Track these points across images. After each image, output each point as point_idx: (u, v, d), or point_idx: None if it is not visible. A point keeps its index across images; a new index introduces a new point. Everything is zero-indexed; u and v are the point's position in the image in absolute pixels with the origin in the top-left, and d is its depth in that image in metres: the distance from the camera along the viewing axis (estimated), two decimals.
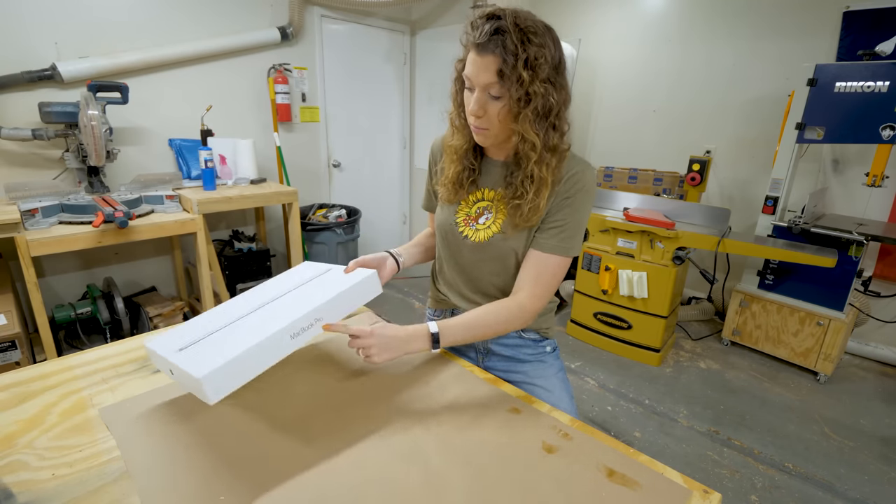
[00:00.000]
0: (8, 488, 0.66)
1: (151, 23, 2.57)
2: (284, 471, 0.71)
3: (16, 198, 2.02)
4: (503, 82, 0.83)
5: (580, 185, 0.94)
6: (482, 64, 0.84)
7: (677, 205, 2.76)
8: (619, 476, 0.72)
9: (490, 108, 0.87)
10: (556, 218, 0.95)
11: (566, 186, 0.94)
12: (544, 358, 1.13)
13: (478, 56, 0.84)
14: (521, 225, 0.95)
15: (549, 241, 0.95)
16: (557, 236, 0.95)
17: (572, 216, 0.95)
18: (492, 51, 0.82)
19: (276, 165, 3.16)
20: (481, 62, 0.84)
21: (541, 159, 0.89)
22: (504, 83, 0.83)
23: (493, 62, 0.82)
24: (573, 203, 0.94)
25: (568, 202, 0.94)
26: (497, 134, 0.91)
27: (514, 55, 0.81)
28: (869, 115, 2.23)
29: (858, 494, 1.79)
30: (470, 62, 0.86)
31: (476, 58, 0.84)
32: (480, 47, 0.83)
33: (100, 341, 2.35)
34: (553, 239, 0.95)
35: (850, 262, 2.39)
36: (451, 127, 1.01)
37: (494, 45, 0.81)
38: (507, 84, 0.83)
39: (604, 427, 2.12)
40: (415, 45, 3.96)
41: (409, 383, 0.95)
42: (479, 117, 0.89)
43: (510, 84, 0.83)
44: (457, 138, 1.00)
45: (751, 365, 2.68)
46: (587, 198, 0.95)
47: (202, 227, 2.27)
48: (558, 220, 0.95)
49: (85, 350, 1.03)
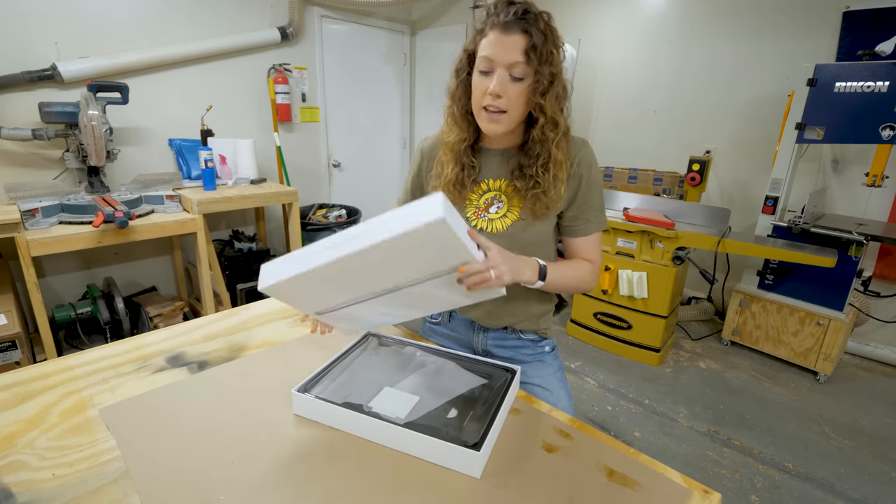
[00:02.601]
0: (8, 488, 0.66)
1: (151, 23, 2.58)
2: (285, 470, 0.71)
3: (16, 198, 2.02)
4: (530, 62, 0.85)
5: (588, 161, 0.98)
6: (509, 43, 0.84)
7: (677, 205, 2.76)
8: (619, 476, 0.72)
9: (511, 90, 0.87)
10: (584, 201, 0.99)
11: (580, 169, 0.97)
12: (543, 358, 1.13)
13: (504, 35, 0.84)
14: (543, 214, 0.96)
15: (590, 224, 1.00)
16: (592, 217, 1.00)
17: (596, 192, 1.00)
18: (522, 29, 0.84)
19: (276, 165, 3.16)
20: (508, 41, 0.84)
21: (559, 140, 0.92)
22: (531, 63, 0.85)
23: (521, 40, 0.84)
24: (591, 182, 0.99)
25: (588, 182, 0.98)
26: (513, 118, 0.91)
27: (543, 34, 0.84)
28: (869, 115, 2.23)
29: (858, 494, 1.78)
30: (492, 43, 0.86)
31: (501, 37, 0.85)
32: (508, 25, 0.84)
33: (100, 341, 2.35)
34: (590, 222, 1.00)
35: (849, 262, 2.39)
36: (449, 121, 1.00)
37: (526, 23, 0.84)
38: (534, 64, 0.85)
39: (604, 427, 2.12)
40: (415, 45, 3.96)
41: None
42: (499, 97, 0.87)
43: (539, 63, 0.85)
44: (455, 133, 0.98)
45: (751, 365, 2.68)
46: (598, 172, 1.01)
47: (202, 227, 2.27)
48: (587, 203, 0.99)
49: (85, 350, 1.03)
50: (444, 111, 1.01)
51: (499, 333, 1.11)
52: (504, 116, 0.90)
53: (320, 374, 0.88)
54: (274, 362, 1.00)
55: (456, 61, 0.96)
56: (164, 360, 1.00)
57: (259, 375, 0.95)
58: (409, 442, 0.74)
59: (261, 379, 0.94)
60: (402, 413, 0.77)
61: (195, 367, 0.98)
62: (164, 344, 1.07)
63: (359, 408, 0.78)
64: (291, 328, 1.16)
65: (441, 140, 1.03)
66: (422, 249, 0.69)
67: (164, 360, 1.01)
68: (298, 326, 1.17)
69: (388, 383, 0.86)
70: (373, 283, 0.77)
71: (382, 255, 0.69)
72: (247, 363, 1.00)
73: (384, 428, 0.75)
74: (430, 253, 0.70)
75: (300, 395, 0.81)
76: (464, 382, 0.87)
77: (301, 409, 0.82)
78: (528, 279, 0.89)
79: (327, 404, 0.79)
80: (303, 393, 0.81)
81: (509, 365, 0.92)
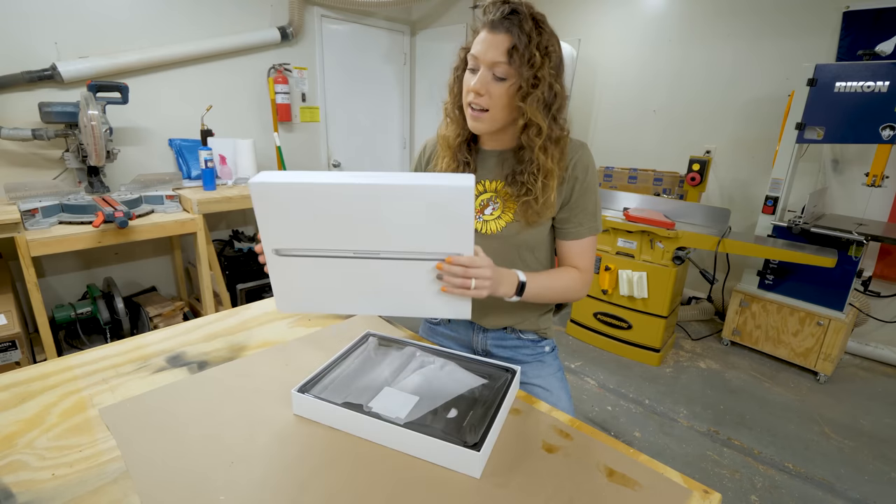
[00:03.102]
0: (8, 488, 0.66)
1: (151, 23, 2.58)
2: (285, 470, 0.71)
3: (16, 198, 2.02)
4: (512, 62, 0.84)
5: (584, 164, 0.97)
6: (493, 41, 0.84)
7: (677, 205, 2.76)
8: (619, 476, 0.72)
9: (493, 89, 0.87)
10: (577, 204, 0.98)
11: (576, 172, 0.96)
12: (543, 358, 1.13)
13: (490, 33, 0.85)
14: (536, 221, 0.96)
15: (580, 228, 0.99)
16: (585, 221, 0.99)
17: (590, 198, 0.99)
18: (506, 29, 0.83)
19: (277, 165, 3.16)
20: (492, 39, 0.84)
21: (545, 147, 0.90)
22: (513, 64, 0.84)
23: (505, 40, 0.84)
24: (586, 186, 0.98)
25: (583, 185, 0.97)
26: (495, 117, 0.91)
27: (527, 36, 0.83)
28: (869, 115, 2.23)
29: (858, 494, 1.78)
30: (479, 41, 0.87)
31: (487, 35, 0.85)
32: (494, 24, 0.84)
33: (100, 341, 2.35)
34: (582, 226, 0.99)
35: (849, 262, 2.39)
36: (447, 118, 1.01)
37: (510, 23, 0.83)
38: (515, 65, 0.84)
39: (604, 427, 2.12)
40: (415, 45, 3.96)
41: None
42: (480, 95, 0.88)
43: (520, 64, 0.84)
44: (450, 129, 1.00)
45: (751, 365, 2.68)
46: (594, 173, 0.99)
47: (202, 227, 2.28)
48: (580, 206, 0.98)
49: (85, 350, 1.03)
50: (442, 106, 1.02)
51: (498, 333, 1.11)
52: (486, 115, 0.90)
53: (320, 374, 0.88)
54: (274, 362, 1.00)
55: (455, 59, 0.96)
56: (164, 360, 1.00)
57: (259, 375, 0.95)
58: (409, 442, 0.74)
59: (261, 379, 0.94)
60: (402, 413, 0.77)
61: (195, 367, 0.98)
62: (164, 344, 1.07)
63: (359, 408, 0.78)
64: (291, 328, 1.16)
65: (438, 134, 1.05)
66: (434, 211, 0.71)
67: (164, 360, 1.01)
68: (298, 326, 1.17)
69: (388, 383, 0.86)
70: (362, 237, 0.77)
71: (394, 202, 0.71)
72: (247, 363, 1.00)
73: (384, 428, 0.75)
74: (438, 219, 0.72)
75: (300, 396, 0.81)
76: (464, 383, 0.87)
77: (301, 410, 0.82)
78: (505, 293, 0.89)
79: (327, 404, 0.79)
80: (303, 393, 0.82)
81: (509, 365, 0.92)
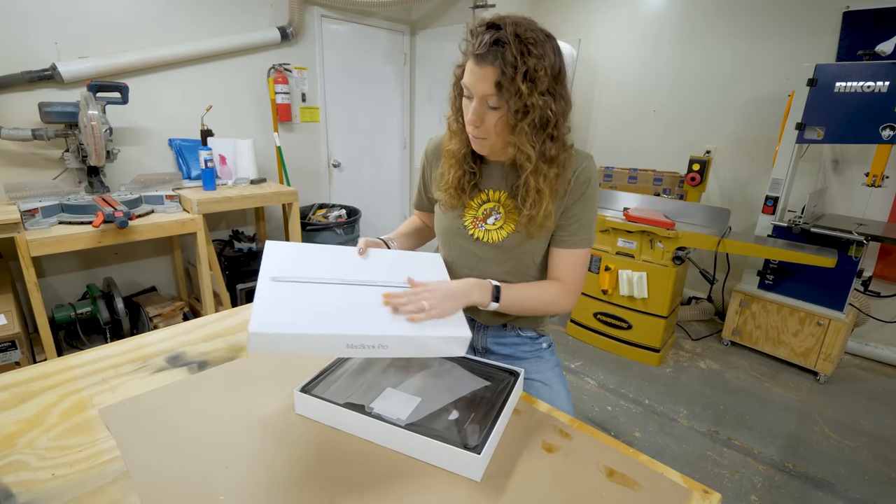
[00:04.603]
0: (8, 488, 0.66)
1: (151, 23, 2.57)
2: (285, 470, 0.71)
3: (16, 198, 2.02)
4: (501, 94, 0.83)
5: (586, 177, 0.96)
6: (481, 74, 0.83)
7: (677, 205, 2.76)
8: (619, 476, 0.72)
9: (487, 119, 0.87)
10: (573, 214, 0.98)
11: (577, 184, 0.96)
12: (541, 354, 1.14)
13: (476, 66, 0.83)
14: (537, 234, 0.97)
15: (573, 238, 0.99)
16: (579, 231, 0.99)
17: (587, 210, 0.98)
18: (491, 62, 0.81)
19: (276, 165, 3.16)
20: (480, 73, 0.83)
21: (536, 170, 0.90)
22: (502, 95, 0.83)
23: (492, 73, 0.82)
24: (585, 198, 0.97)
25: (581, 198, 0.97)
26: (494, 143, 0.92)
27: (513, 67, 0.80)
28: (869, 115, 2.23)
29: (858, 494, 1.78)
30: (468, 72, 0.86)
31: (475, 68, 0.84)
32: (479, 58, 0.82)
33: (100, 341, 2.35)
34: (576, 235, 0.99)
35: (850, 262, 2.39)
36: (449, 131, 1.02)
37: (494, 56, 0.81)
38: (504, 96, 0.83)
39: (604, 427, 2.12)
40: (415, 45, 3.96)
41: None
42: (476, 127, 0.89)
43: (508, 96, 0.83)
44: (454, 143, 1.00)
45: (751, 365, 2.68)
46: (595, 189, 0.99)
47: (202, 227, 2.27)
48: (576, 216, 0.98)
49: (85, 350, 1.03)
50: (445, 120, 1.02)
51: (498, 331, 1.12)
52: (486, 142, 0.91)
53: (322, 374, 0.88)
54: (274, 362, 1.00)
55: (452, 76, 0.95)
56: (164, 360, 1.00)
57: (259, 375, 0.95)
58: (410, 444, 0.74)
59: (261, 379, 0.94)
60: (403, 414, 0.77)
61: (195, 367, 0.98)
62: (164, 344, 1.07)
63: (360, 408, 0.78)
64: None
65: (442, 147, 1.05)
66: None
67: (164, 360, 1.01)
68: None
69: (390, 384, 0.86)
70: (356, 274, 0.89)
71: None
72: (247, 363, 1.00)
73: (385, 429, 0.75)
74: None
75: (302, 395, 0.81)
76: (466, 384, 0.87)
77: (303, 409, 0.83)
78: (479, 300, 0.88)
79: (329, 405, 0.79)
80: (305, 393, 0.82)
81: (513, 368, 0.92)
